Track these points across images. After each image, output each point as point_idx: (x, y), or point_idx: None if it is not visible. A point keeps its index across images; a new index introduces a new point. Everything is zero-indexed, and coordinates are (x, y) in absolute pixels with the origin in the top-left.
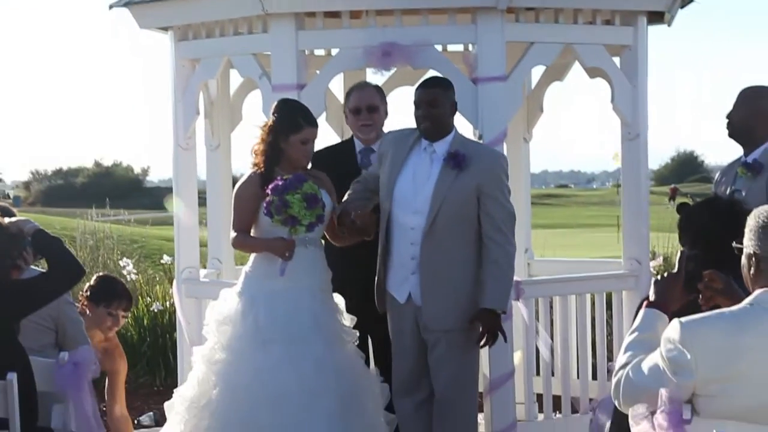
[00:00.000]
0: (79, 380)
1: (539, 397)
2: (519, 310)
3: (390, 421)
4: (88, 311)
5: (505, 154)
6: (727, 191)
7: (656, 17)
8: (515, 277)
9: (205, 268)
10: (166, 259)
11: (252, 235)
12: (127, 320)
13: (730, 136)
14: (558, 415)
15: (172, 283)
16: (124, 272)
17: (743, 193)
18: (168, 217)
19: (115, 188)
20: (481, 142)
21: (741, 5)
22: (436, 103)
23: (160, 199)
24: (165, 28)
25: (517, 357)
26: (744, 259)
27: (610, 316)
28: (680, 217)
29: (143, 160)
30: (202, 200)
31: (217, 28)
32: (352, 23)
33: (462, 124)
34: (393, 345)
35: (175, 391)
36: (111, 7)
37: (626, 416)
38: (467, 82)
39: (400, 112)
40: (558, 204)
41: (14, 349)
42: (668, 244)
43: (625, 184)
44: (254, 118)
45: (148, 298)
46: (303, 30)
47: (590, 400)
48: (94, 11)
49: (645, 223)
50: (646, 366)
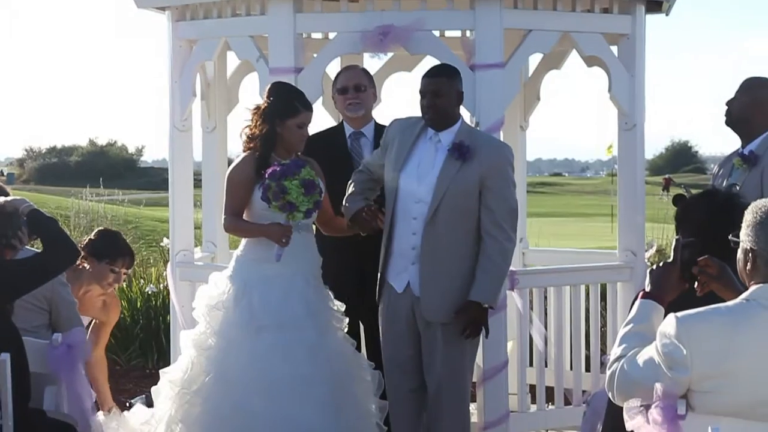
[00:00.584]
0: (72, 362)
1: (532, 388)
2: (513, 300)
3: (381, 407)
4: (88, 265)
5: None
6: (724, 184)
7: (654, 6)
8: (510, 267)
9: (200, 250)
10: (166, 242)
11: (244, 218)
12: (121, 297)
13: (728, 124)
14: (551, 407)
15: (166, 265)
16: None
17: (738, 187)
18: (162, 198)
19: (110, 168)
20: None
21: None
22: (440, 92)
23: (154, 179)
24: (162, 8)
25: (510, 347)
26: (740, 254)
27: (604, 308)
28: (677, 209)
29: (138, 139)
30: (198, 182)
31: (215, 9)
32: (351, 7)
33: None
34: (384, 332)
35: (161, 373)
36: None
37: (620, 409)
38: (465, 68)
39: (396, 98)
40: (552, 192)
41: (7, 330)
42: (662, 235)
43: (621, 175)
44: (251, 101)
45: (142, 280)
46: (301, 13)
47: (583, 392)
48: None
49: (641, 214)
50: (641, 359)
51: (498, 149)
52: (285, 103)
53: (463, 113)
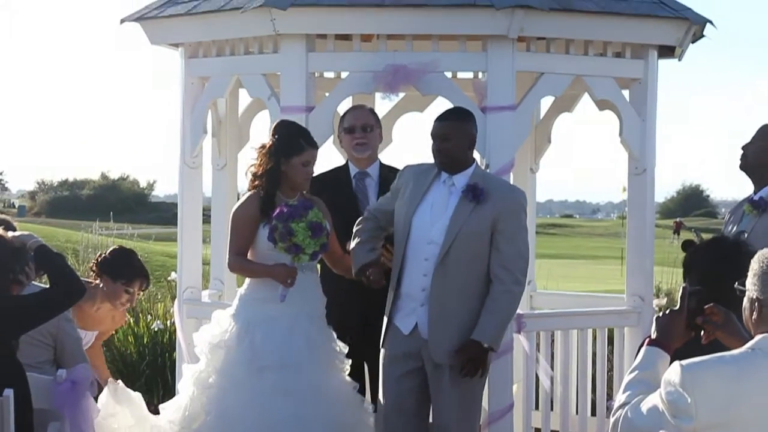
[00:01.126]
0: (76, 398)
1: (537, 431)
2: (520, 343)
3: None
4: (102, 284)
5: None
6: (733, 230)
7: (667, 51)
8: (517, 310)
9: (207, 287)
10: (173, 276)
11: (249, 258)
12: (128, 333)
13: (742, 168)
14: None
15: (174, 301)
16: None
17: (746, 234)
18: (172, 233)
19: (121, 201)
20: (503, 179)
21: (752, 40)
22: (448, 137)
23: (165, 214)
24: (176, 45)
25: (516, 390)
26: (746, 303)
27: (611, 352)
28: (685, 256)
29: (150, 174)
30: (207, 217)
31: (227, 46)
32: (363, 46)
33: None
34: (387, 375)
35: (161, 408)
36: (122, 22)
37: None
38: (476, 110)
39: (408, 139)
40: (562, 234)
41: (12, 366)
42: (671, 280)
43: (631, 220)
44: (262, 139)
45: (149, 316)
46: (313, 52)
47: None
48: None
49: (649, 259)
50: (645, 407)
51: (512, 193)
52: (290, 141)
53: (474, 155)
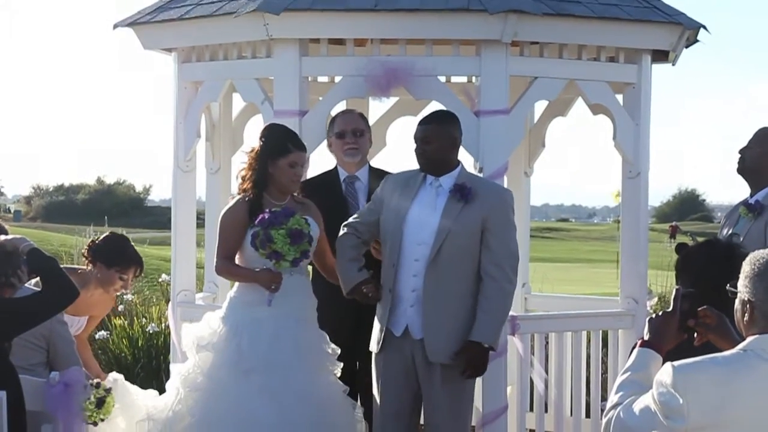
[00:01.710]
0: (69, 401)
1: None
2: (514, 345)
3: None
4: (96, 271)
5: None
6: (727, 233)
7: (661, 56)
8: (511, 312)
9: (202, 291)
10: (164, 277)
11: (237, 262)
12: (122, 335)
13: (739, 172)
14: None
15: (168, 304)
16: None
17: (741, 238)
18: (166, 237)
19: (116, 206)
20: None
21: (746, 45)
22: (429, 139)
23: (160, 218)
24: (169, 50)
25: (510, 392)
26: (738, 304)
27: (605, 354)
28: (678, 258)
29: (146, 178)
30: (201, 221)
31: (221, 51)
32: (356, 51)
33: (463, 157)
34: (379, 378)
35: (145, 407)
36: (115, 27)
37: None
38: (469, 114)
39: (402, 142)
40: (558, 238)
41: (4, 368)
42: (667, 283)
43: (625, 223)
44: (255, 143)
45: (144, 319)
46: (306, 56)
47: None
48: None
49: (643, 262)
50: (637, 408)
51: (499, 192)
52: (276, 144)
53: (466, 158)
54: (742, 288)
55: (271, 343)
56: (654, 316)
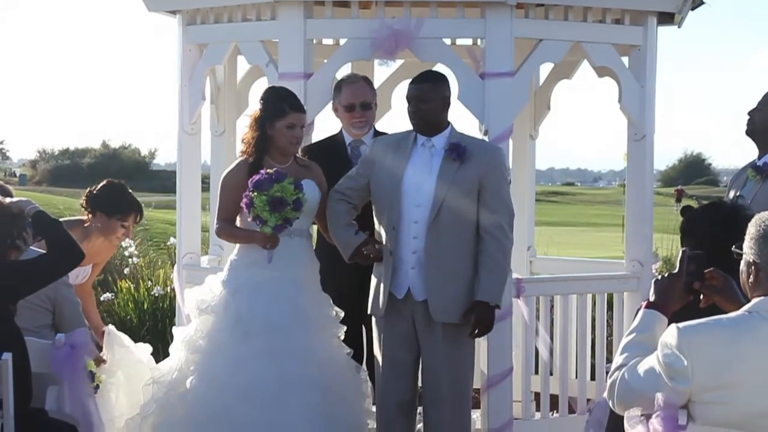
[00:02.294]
0: (75, 363)
1: (537, 395)
2: (519, 308)
3: (372, 415)
4: (96, 221)
5: (511, 151)
6: (732, 195)
7: (666, 18)
8: (516, 275)
9: (207, 254)
10: (172, 240)
11: (238, 224)
12: (128, 298)
13: (748, 134)
14: (555, 415)
15: (173, 267)
16: (126, 254)
17: (748, 201)
18: (172, 201)
19: (122, 170)
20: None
21: (752, 8)
22: (424, 98)
23: (166, 182)
24: (173, 12)
25: (515, 354)
26: (743, 266)
27: (610, 317)
28: (683, 220)
29: (152, 142)
30: (206, 185)
31: (225, 13)
32: (361, 13)
33: (468, 120)
34: (381, 339)
35: (150, 370)
36: None
37: (622, 419)
38: (474, 76)
39: (406, 106)
40: (564, 202)
41: (10, 330)
42: (672, 246)
43: (630, 185)
44: (257, 106)
45: (150, 282)
46: (311, 18)
47: (588, 400)
48: None
49: (648, 224)
50: (642, 369)
51: (492, 150)
52: (274, 106)
53: (472, 121)
54: (748, 249)
55: (270, 306)
56: (660, 277)
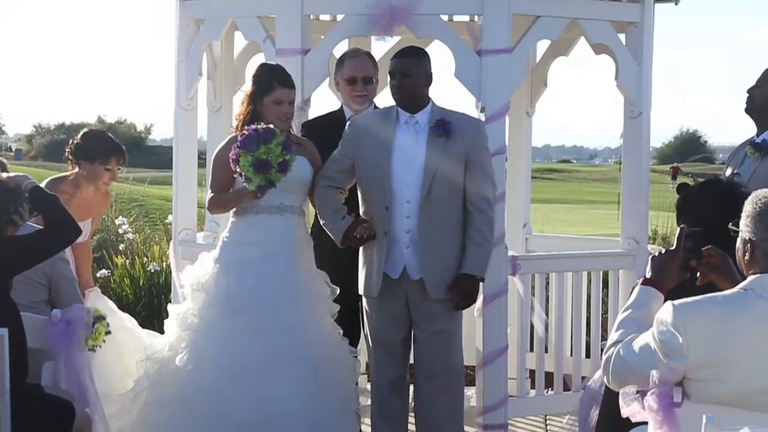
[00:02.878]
0: (71, 338)
1: (532, 373)
2: (514, 285)
3: (363, 392)
4: (81, 170)
5: (507, 128)
6: (729, 172)
7: None
8: (512, 252)
9: (203, 230)
10: (170, 219)
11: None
12: (124, 274)
13: (747, 111)
14: (550, 392)
15: (169, 243)
16: (120, 231)
17: (746, 179)
18: (168, 177)
19: None
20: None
21: None
22: (409, 72)
23: (162, 157)
24: None
25: (510, 332)
26: (739, 243)
27: (606, 295)
28: (679, 198)
29: (147, 118)
30: (203, 161)
31: None
32: None
33: (465, 96)
34: (374, 318)
35: (145, 349)
36: None
37: (617, 396)
38: (471, 53)
39: None
40: (559, 179)
41: (6, 306)
42: (668, 224)
43: (626, 163)
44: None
45: (145, 258)
46: None
47: (583, 377)
48: None
49: (644, 202)
50: (637, 345)
51: (476, 125)
52: (262, 82)
53: (468, 98)
54: (744, 227)
55: (258, 283)
56: (657, 254)
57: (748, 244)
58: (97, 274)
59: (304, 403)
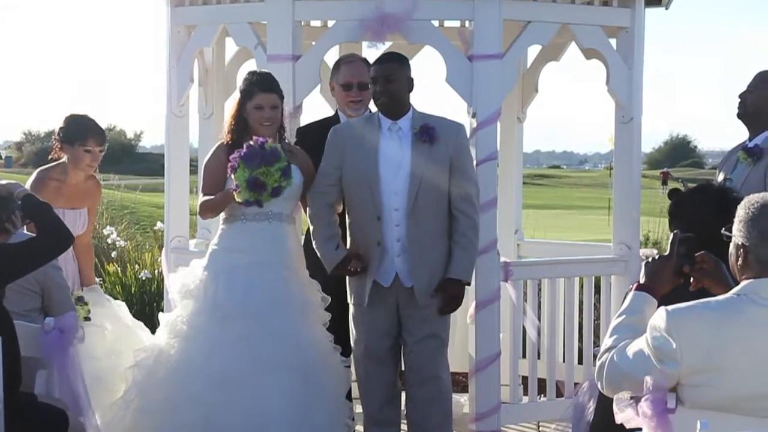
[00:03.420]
0: (64, 346)
1: (524, 379)
2: (507, 292)
3: (355, 400)
4: (64, 155)
5: (498, 134)
6: (720, 177)
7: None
8: (504, 259)
9: (195, 237)
10: (160, 226)
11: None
12: (115, 282)
13: (739, 116)
14: (543, 398)
15: (161, 251)
16: (109, 240)
17: (739, 184)
18: (159, 184)
19: (108, 152)
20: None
21: None
22: (392, 78)
23: (152, 164)
24: None
25: (502, 338)
26: (732, 249)
27: (598, 300)
28: (671, 204)
29: (138, 124)
30: (194, 168)
31: None
32: None
33: (456, 102)
34: (363, 325)
35: (133, 354)
36: None
37: (610, 401)
38: (463, 59)
39: None
40: (550, 185)
41: None
42: (659, 229)
43: (617, 168)
44: None
45: (137, 266)
46: (300, 0)
47: (575, 384)
48: None
49: (636, 208)
50: (631, 351)
51: (458, 129)
52: (245, 88)
53: (459, 103)
54: (737, 232)
55: (246, 291)
56: (650, 259)
57: (741, 249)
58: None
59: (294, 411)
